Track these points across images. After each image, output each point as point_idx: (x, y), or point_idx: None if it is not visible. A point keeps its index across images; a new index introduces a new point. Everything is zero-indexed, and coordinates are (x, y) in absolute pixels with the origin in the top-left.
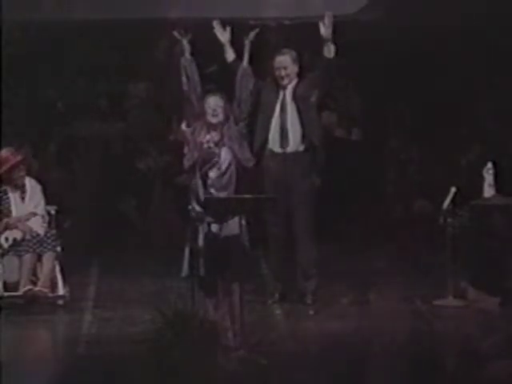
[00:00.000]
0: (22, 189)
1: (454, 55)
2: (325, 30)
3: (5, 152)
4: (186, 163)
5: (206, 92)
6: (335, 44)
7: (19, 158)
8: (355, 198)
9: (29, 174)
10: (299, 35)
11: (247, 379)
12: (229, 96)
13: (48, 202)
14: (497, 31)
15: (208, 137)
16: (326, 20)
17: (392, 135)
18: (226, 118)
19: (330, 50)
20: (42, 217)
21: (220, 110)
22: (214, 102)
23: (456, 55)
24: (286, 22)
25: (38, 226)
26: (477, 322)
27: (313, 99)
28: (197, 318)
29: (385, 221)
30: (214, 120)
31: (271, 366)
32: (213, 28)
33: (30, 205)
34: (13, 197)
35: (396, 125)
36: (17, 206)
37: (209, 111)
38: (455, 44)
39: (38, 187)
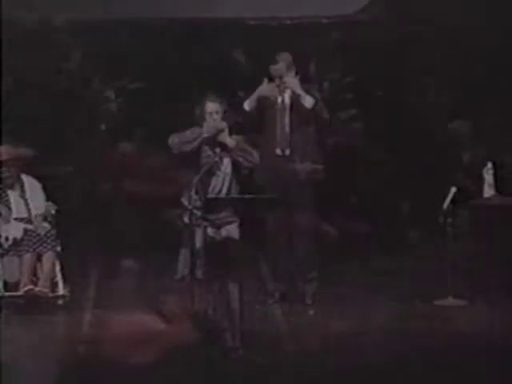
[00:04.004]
0: (21, 187)
1: (453, 55)
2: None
3: (3, 148)
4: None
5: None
6: (336, 43)
7: (4, 157)
8: (355, 198)
9: (28, 173)
10: (299, 35)
11: (247, 379)
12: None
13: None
14: (497, 31)
15: (206, 146)
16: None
17: (391, 134)
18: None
19: (307, 101)
20: (43, 216)
21: (217, 116)
22: (212, 108)
23: (456, 55)
24: (286, 22)
25: (38, 224)
26: (477, 322)
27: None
28: (197, 318)
29: (384, 221)
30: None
31: (271, 366)
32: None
33: (30, 203)
34: (12, 195)
35: (395, 123)
36: (17, 204)
37: (208, 118)
38: (455, 43)
39: (37, 185)
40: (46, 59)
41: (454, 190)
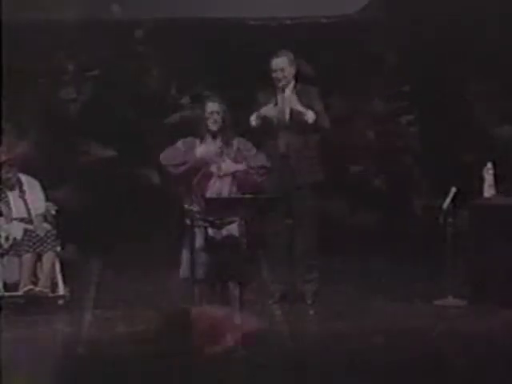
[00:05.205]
0: (20, 188)
1: (454, 54)
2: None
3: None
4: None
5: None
6: (335, 43)
7: (3, 158)
8: (354, 198)
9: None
10: (299, 35)
11: (247, 379)
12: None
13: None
14: (497, 30)
15: (207, 146)
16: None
17: (391, 134)
18: (225, 125)
19: (309, 117)
20: (43, 216)
21: (218, 116)
22: (212, 108)
23: (456, 54)
24: (286, 22)
25: (38, 224)
26: (477, 322)
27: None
28: (197, 318)
29: (385, 221)
30: (214, 127)
31: (271, 366)
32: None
33: (30, 203)
34: (11, 195)
35: (395, 123)
36: (16, 204)
37: (209, 118)
38: (455, 43)
39: (37, 184)
40: (129, 67)
41: (453, 189)
